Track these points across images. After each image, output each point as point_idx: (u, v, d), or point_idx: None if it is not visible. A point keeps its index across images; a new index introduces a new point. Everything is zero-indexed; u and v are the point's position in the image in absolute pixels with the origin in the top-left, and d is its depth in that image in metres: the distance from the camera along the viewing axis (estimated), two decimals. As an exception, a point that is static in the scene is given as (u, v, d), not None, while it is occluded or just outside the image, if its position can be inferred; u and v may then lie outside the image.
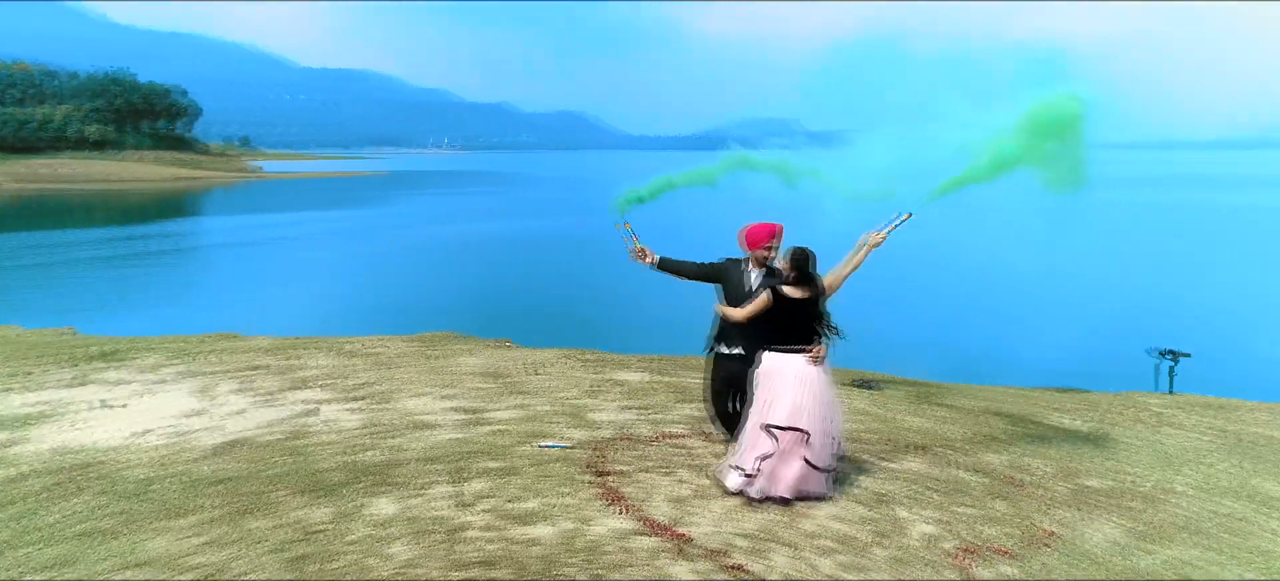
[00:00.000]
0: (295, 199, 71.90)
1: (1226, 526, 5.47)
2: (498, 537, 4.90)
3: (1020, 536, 5.16)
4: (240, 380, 8.39)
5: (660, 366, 9.59)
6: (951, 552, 4.88)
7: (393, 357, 9.57)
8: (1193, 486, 6.29)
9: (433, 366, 9.15)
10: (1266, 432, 8.09)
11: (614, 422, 7.21)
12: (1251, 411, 9.23)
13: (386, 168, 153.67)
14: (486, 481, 5.77)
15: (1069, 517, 5.49)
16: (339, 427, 6.91)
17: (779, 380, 5.31)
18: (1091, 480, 6.28)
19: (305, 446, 6.41)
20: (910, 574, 4.59)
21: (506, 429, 6.94)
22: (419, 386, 8.24)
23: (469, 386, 8.30)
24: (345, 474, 5.85)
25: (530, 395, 8.04)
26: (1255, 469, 6.82)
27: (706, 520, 5.22)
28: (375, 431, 6.82)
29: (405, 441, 6.57)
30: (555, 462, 6.16)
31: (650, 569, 4.54)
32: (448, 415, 7.31)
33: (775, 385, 5.33)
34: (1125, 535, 5.25)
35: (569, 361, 9.63)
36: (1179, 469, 6.73)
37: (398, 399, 7.80)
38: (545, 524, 5.11)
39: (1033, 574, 4.66)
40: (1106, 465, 6.70)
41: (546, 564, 4.59)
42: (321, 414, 7.30)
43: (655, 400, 7.97)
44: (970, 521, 5.34)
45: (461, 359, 9.60)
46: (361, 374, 8.72)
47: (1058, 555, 4.92)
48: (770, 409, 5.30)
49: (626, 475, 5.95)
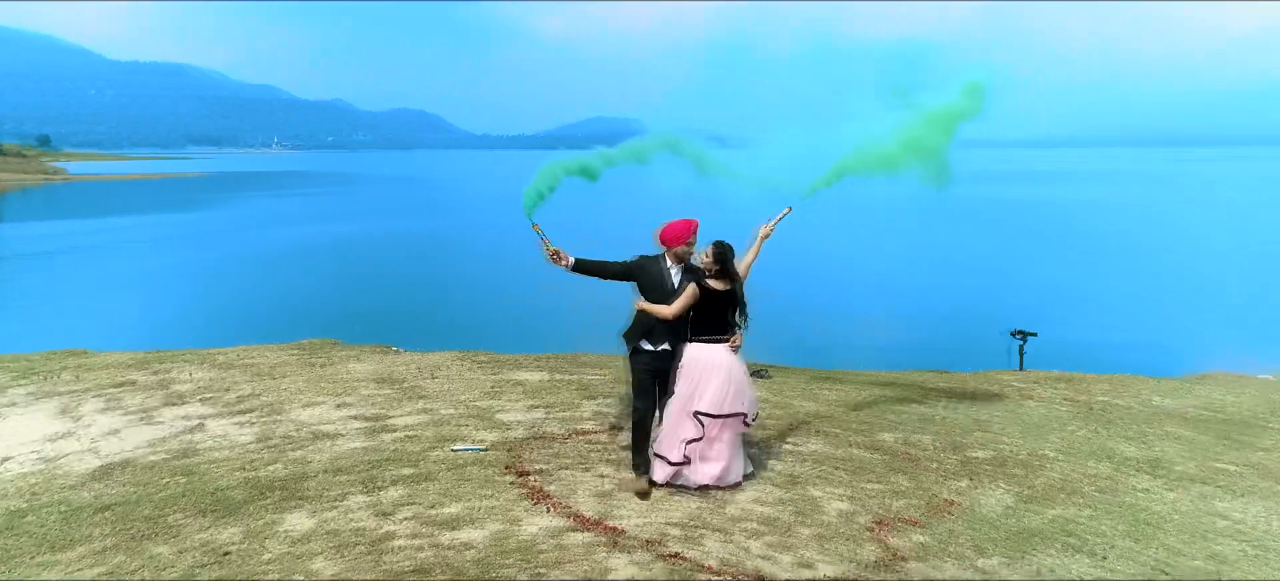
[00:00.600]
0: (110, 202, 66.37)
1: (1096, 485, 6.08)
2: (427, 545, 4.78)
3: (924, 506, 5.54)
4: (106, 398, 7.70)
5: (557, 365, 9.54)
6: (868, 526, 5.17)
7: (272, 367, 9.04)
8: (1060, 452, 6.93)
9: (319, 374, 8.72)
10: (1111, 400, 9.00)
11: (523, 422, 7.15)
12: (1094, 382, 10.24)
13: (212, 168, 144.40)
14: (403, 489, 5.60)
15: (963, 487, 5.93)
16: (231, 442, 6.50)
17: (704, 369, 5.45)
18: (975, 452, 6.80)
19: (197, 464, 5.99)
20: (835, 548, 4.83)
21: (414, 434, 6.74)
22: (310, 396, 7.85)
23: (364, 393, 7.98)
24: (248, 490, 5.52)
25: (431, 399, 7.83)
26: (1109, 433, 7.59)
27: (634, 512, 5.28)
28: (272, 445, 6.45)
29: (307, 453, 6.26)
30: (471, 465, 6.05)
31: (589, 563, 4.56)
32: (348, 424, 7.01)
33: (699, 374, 5.46)
34: (1014, 499, 5.73)
35: (464, 363, 9.43)
36: (1046, 436, 7.39)
37: (289, 409, 7.40)
38: (473, 527, 5.03)
39: (942, 540, 5.01)
40: (985, 437, 7.27)
41: (483, 566, 4.52)
42: (208, 429, 6.83)
43: (560, 398, 7.95)
44: (878, 496, 5.67)
45: (349, 366, 9.20)
46: (242, 385, 8.20)
47: (960, 521, 5.31)
48: (697, 397, 5.43)
49: (547, 473, 5.93)
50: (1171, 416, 8.38)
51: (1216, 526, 5.43)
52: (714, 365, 5.45)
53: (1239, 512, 5.68)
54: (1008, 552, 4.88)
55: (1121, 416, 8.26)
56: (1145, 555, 4.92)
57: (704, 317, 5.49)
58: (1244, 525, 5.46)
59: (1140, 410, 8.60)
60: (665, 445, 5.53)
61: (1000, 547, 4.94)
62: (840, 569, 4.60)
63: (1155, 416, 8.33)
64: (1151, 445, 7.26)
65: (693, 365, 5.47)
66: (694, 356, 5.48)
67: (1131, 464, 6.65)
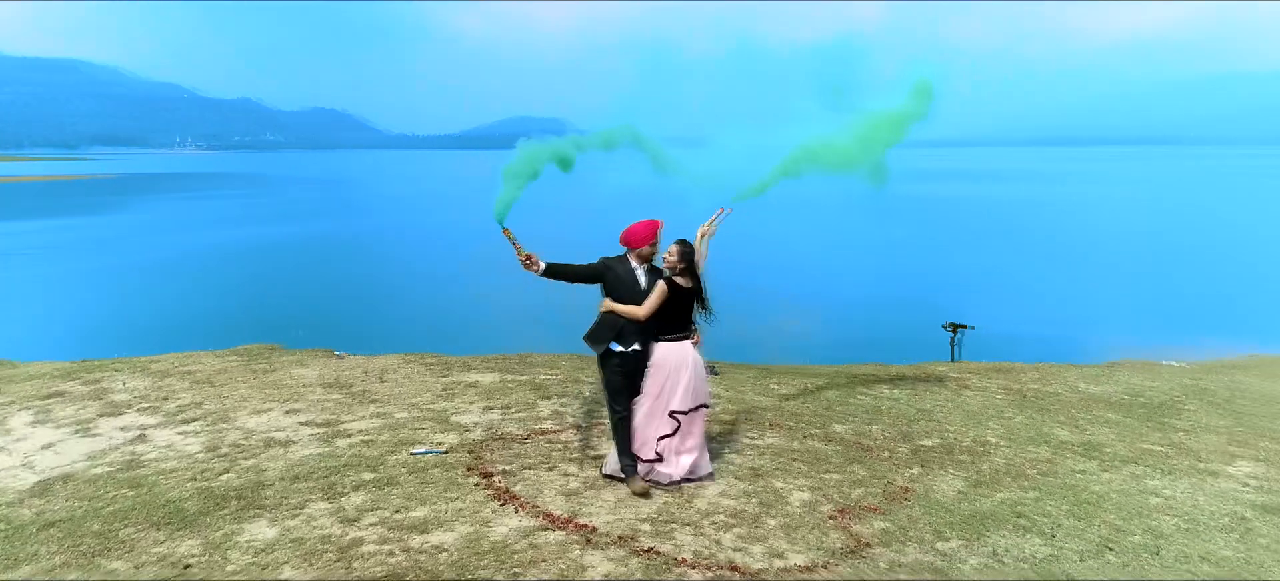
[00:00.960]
0: (12, 205, 62.97)
1: (1038, 469, 6.38)
2: (397, 549, 4.73)
3: (882, 494, 5.72)
4: (36, 411, 7.34)
5: (508, 366, 9.49)
6: (830, 515, 5.32)
7: (212, 374, 8.75)
8: (1002, 438, 7.24)
9: (265, 381, 8.48)
10: (1043, 388, 9.43)
11: (481, 424, 7.10)
12: (1024, 371, 10.70)
13: (118, 169, 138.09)
14: (366, 494, 5.51)
15: (917, 474, 6.15)
16: (180, 452, 6.28)
17: (674, 367, 5.52)
18: (924, 440, 7.05)
19: (146, 476, 5.78)
20: (802, 537, 4.96)
21: (370, 439, 6.63)
22: (257, 402, 7.63)
23: (313, 399, 7.80)
24: (203, 501, 5.35)
25: (383, 403, 7.71)
26: (1044, 419, 7.96)
27: (603, 509, 5.32)
28: (223, 453, 6.26)
29: (262, 461, 6.10)
30: (433, 468, 5.99)
31: (565, 562, 4.58)
32: (300, 430, 6.85)
33: (669, 372, 5.53)
34: (965, 484, 5.97)
35: (413, 366, 9.29)
36: (987, 424, 7.71)
37: (237, 417, 7.19)
38: (443, 530, 4.99)
39: (902, 526, 5.20)
40: (930, 426, 7.54)
41: (458, 569, 4.50)
42: (153, 440, 6.58)
43: (514, 399, 7.92)
44: (838, 486, 5.84)
45: (294, 371, 8.97)
46: (183, 394, 7.92)
47: (917, 507, 5.51)
48: (670, 396, 5.50)
49: (511, 474, 5.92)
50: (1098, 401, 8.84)
51: (1150, 503, 5.77)
52: (682, 362, 5.53)
53: (1169, 490, 6.04)
54: (965, 535, 5.09)
55: (1053, 403, 8.67)
56: (1090, 532, 5.20)
57: (670, 316, 5.56)
58: (1175, 501, 5.81)
59: (1070, 396, 9.03)
60: (637, 444, 5.59)
61: (957, 530, 5.15)
62: (810, 557, 4.73)
63: (1084, 402, 8.77)
64: (1084, 429, 7.64)
65: (663, 364, 5.54)
66: (664, 355, 5.55)
67: (1068, 447, 7.00)
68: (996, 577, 4.58)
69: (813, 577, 4.51)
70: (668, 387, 5.50)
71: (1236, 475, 6.48)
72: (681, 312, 5.58)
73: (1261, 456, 6.97)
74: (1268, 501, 5.85)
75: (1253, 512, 5.63)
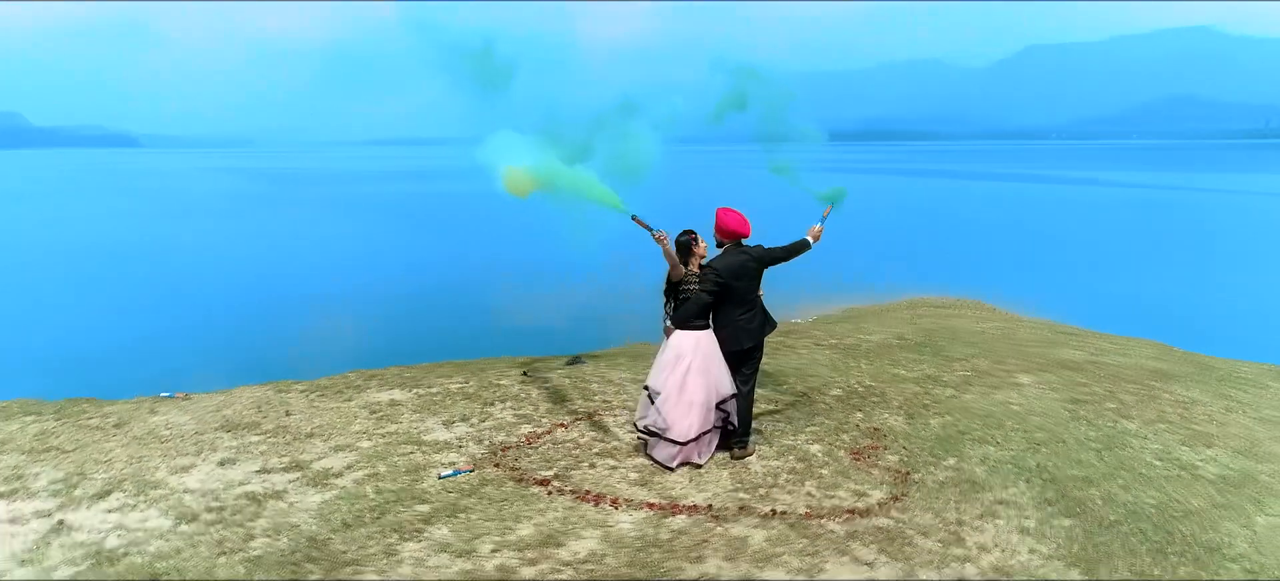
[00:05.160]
0: None
1: (928, 399, 8.08)
2: (558, 565, 4.72)
3: (865, 434, 6.91)
4: None
5: (408, 379, 8.78)
6: (853, 455, 6.37)
7: (34, 442, 6.86)
8: (874, 380, 8.88)
9: (133, 437, 6.86)
10: (842, 340, 11.49)
11: (462, 438, 6.84)
12: (811, 330, 12.80)
13: None
14: (446, 526, 5.24)
15: (860, 419, 7.45)
16: (152, 531, 5.16)
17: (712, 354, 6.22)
18: (831, 391, 8.40)
19: (149, 565, 4.76)
20: (859, 475, 5.93)
21: (370, 472, 6.08)
22: (154, 461, 6.25)
23: (230, 446, 6.68)
24: (279, 569, 4.66)
25: (328, 436, 6.87)
26: (874, 361, 9.85)
27: (692, 488, 5.74)
28: (205, 522, 5.29)
29: (273, 521, 5.32)
30: (483, 487, 5.82)
31: (724, 541, 5.01)
32: (267, 480, 5.93)
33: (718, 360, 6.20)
34: (903, 420, 7.42)
35: (309, 396, 8.11)
36: (847, 373, 9.33)
37: (165, 481, 5.95)
38: (574, 540, 5.05)
39: (908, 457, 6.42)
40: (818, 382, 8.90)
41: (650, 569, 4.68)
42: (94, 525, 5.29)
43: (463, 409, 7.51)
44: (832, 433, 6.90)
45: (150, 420, 7.35)
46: (43, 469, 6.24)
47: (899, 441, 6.79)
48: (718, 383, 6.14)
49: (565, 476, 5.99)
50: (890, 345, 11.06)
51: (1011, 410, 7.73)
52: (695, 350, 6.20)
53: (1013, 399, 8.11)
54: (954, 451, 6.49)
55: (866, 348, 10.69)
56: (1015, 437, 6.91)
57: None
58: (1026, 405, 7.86)
59: (873, 342, 11.16)
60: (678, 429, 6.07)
61: (949, 448, 6.54)
62: (882, 491, 5.72)
63: (884, 347, 10.92)
64: (909, 366, 9.65)
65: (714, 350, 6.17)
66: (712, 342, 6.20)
67: (924, 380, 8.87)
68: (1005, 479, 6.01)
69: (910, 499, 5.51)
70: (713, 374, 6.19)
71: (1024, 383, 8.86)
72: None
73: (1003, 369, 9.54)
74: (1033, 401, 8.21)
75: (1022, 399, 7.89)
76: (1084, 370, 9.53)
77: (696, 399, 6.04)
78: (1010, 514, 5.39)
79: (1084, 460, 6.38)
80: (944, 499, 5.60)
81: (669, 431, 6.05)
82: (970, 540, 5.03)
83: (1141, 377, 9.23)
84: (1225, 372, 9.86)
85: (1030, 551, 4.90)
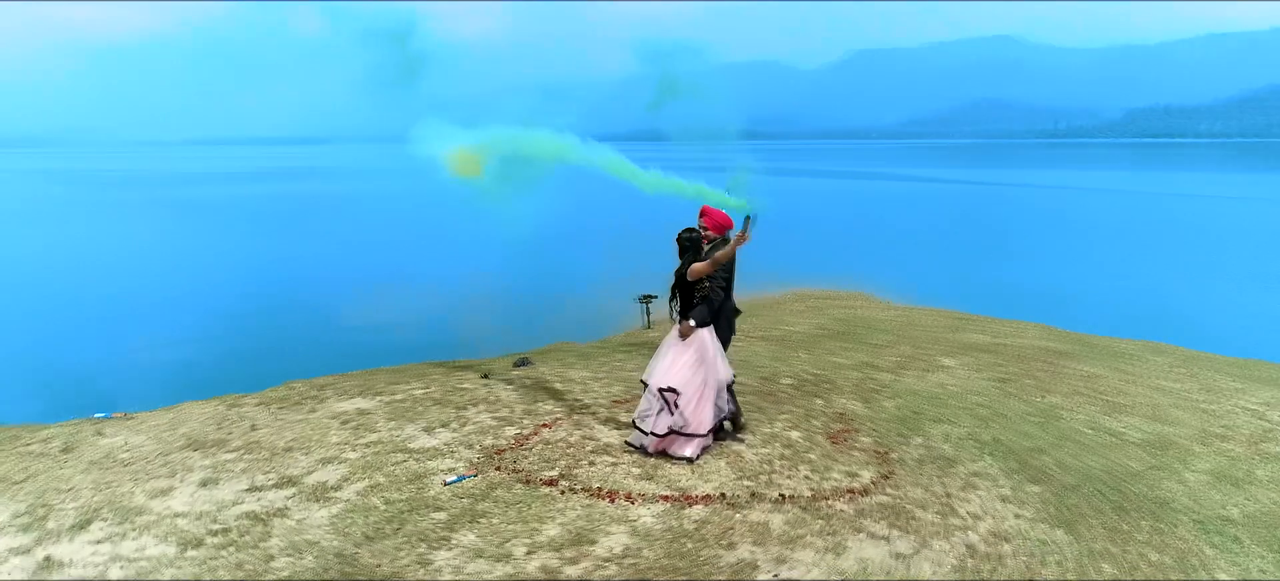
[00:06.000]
0: None
1: (873, 385, 8.67)
2: (599, 564, 4.86)
3: (835, 418, 7.38)
4: None
5: (371, 386, 8.50)
6: (830, 439, 6.81)
7: None
8: (812, 369, 9.42)
9: (95, 464, 6.33)
10: (770, 330, 12.02)
11: (449, 443, 6.79)
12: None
13: None
14: (471, 532, 5.25)
15: (821, 405, 7.93)
16: (155, 559, 4.90)
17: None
18: (781, 381, 8.86)
19: (192, 590, 4.55)
20: (845, 458, 6.37)
21: (372, 483, 5.96)
22: (128, 486, 5.85)
23: (205, 466, 6.35)
24: (319, 590, 4.57)
25: (310, 449, 6.59)
26: (794, 352, 10.42)
27: (697, 479, 5.98)
28: (214, 547, 5.05)
29: (288, 540, 5.15)
30: (494, 490, 5.84)
31: (748, 527, 5.29)
32: (263, 497, 5.69)
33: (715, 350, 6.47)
34: (862, 404, 7.95)
35: (267, 409, 7.70)
36: (786, 362, 9.84)
37: (142, 508, 5.60)
38: (607, 537, 5.19)
39: (881, 435, 6.92)
40: (765, 372, 9.35)
41: (689, 558, 4.90)
42: (84, 559, 4.95)
43: (439, 415, 7.41)
44: (803, 419, 7.32)
45: (106, 442, 6.84)
46: (0, 503, 5.71)
47: (866, 424, 7.30)
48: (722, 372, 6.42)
49: (570, 475, 6.10)
50: (817, 335, 11.70)
51: (950, 390, 8.44)
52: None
53: (947, 381, 8.83)
54: (917, 430, 7.05)
55: (797, 339, 11.27)
56: (963, 415, 7.57)
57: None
58: (952, 386, 8.58)
59: (800, 333, 11.76)
60: (698, 423, 6.31)
61: (912, 428, 7.09)
62: (871, 471, 6.17)
63: (813, 337, 11.54)
64: (845, 354, 10.28)
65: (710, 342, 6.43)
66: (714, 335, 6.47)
67: (862, 366, 9.49)
68: (966, 452, 6.61)
69: (898, 476, 5.98)
70: (715, 364, 6.47)
71: (950, 366, 9.65)
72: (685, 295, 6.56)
73: (924, 357, 10.37)
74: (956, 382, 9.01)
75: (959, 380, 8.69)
76: (994, 352, 10.47)
77: (711, 393, 6.34)
78: (986, 484, 5.96)
79: (1029, 433, 7.09)
80: (927, 475, 6.11)
81: (689, 427, 6.28)
82: (962, 509, 5.54)
83: (1043, 357, 10.23)
84: (1106, 348, 11.08)
85: (1016, 516, 5.46)
